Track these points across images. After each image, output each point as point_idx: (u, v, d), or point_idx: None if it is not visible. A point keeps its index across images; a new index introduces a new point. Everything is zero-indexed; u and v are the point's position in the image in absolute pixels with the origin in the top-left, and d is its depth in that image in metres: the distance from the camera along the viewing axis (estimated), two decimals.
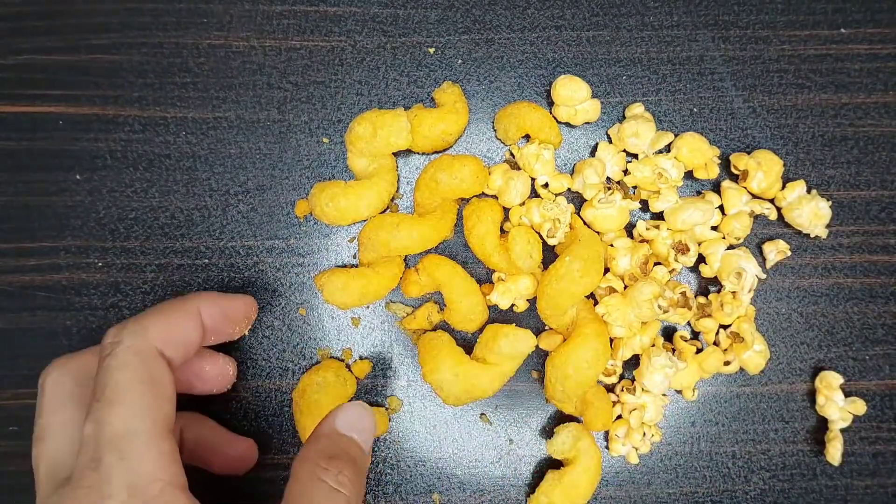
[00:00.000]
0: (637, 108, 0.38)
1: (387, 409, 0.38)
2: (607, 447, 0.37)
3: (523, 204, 0.37)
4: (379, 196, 0.36)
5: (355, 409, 0.31)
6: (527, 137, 0.38)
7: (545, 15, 0.39)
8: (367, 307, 0.38)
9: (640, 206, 0.38)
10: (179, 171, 0.38)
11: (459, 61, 0.39)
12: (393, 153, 0.37)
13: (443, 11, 0.39)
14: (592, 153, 0.38)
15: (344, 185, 0.36)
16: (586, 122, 0.38)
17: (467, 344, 0.38)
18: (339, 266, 0.36)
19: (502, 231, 0.37)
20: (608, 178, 0.38)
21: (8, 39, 0.38)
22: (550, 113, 0.38)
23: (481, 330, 0.37)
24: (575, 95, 0.37)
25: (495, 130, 0.38)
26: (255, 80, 0.38)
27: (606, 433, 0.37)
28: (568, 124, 0.39)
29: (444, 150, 0.38)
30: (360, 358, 0.38)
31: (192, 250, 0.38)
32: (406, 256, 0.38)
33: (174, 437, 0.28)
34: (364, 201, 0.36)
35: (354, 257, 0.38)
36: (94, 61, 0.38)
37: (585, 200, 0.37)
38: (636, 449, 0.37)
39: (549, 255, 0.37)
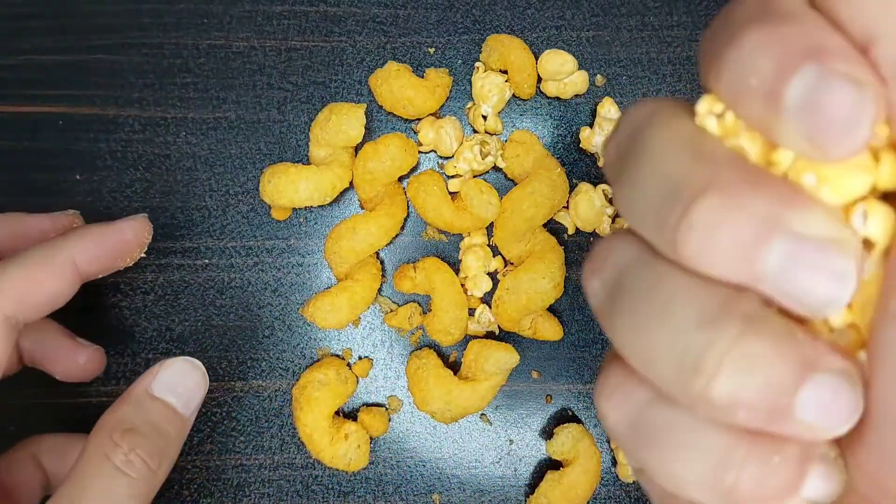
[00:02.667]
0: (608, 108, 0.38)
1: (387, 409, 0.38)
2: (616, 474, 0.37)
3: (452, 157, 0.37)
4: (319, 184, 0.36)
5: (176, 365, 0.28)
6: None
7: (545, 15, 0.39)
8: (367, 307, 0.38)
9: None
10: (179, 172, 0.38)
11: (459, 61, 0.39)
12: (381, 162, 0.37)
13: (443, 11, 0.39)
14: (591, 123, 0.38)
15: (288, 166, 0.36)
16: (576, 95, 0.38)
17: (444, 357, 0.38)
18: (318, 293, 0.36)
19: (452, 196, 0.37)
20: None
21: (8, 39, 0.38)
22: (539, 89, 0.38)
23: (460, 346, 0.38)
24: (562, 69, 0.37)
25: (481, 50, 0.38)
26: (256, 80, 0.38)
27: (614, 458, 0.37)
28: (558, 98, 0.38)
29: (403, 118, 0.38)
30: (360, 358, 0.38)
31: (192, 250, 0.38)
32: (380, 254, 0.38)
33: None
34: (303, 184, 0.35)
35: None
36: (95, 61, 0.38)
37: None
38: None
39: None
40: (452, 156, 0.38)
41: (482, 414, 0.38)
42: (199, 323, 0.38)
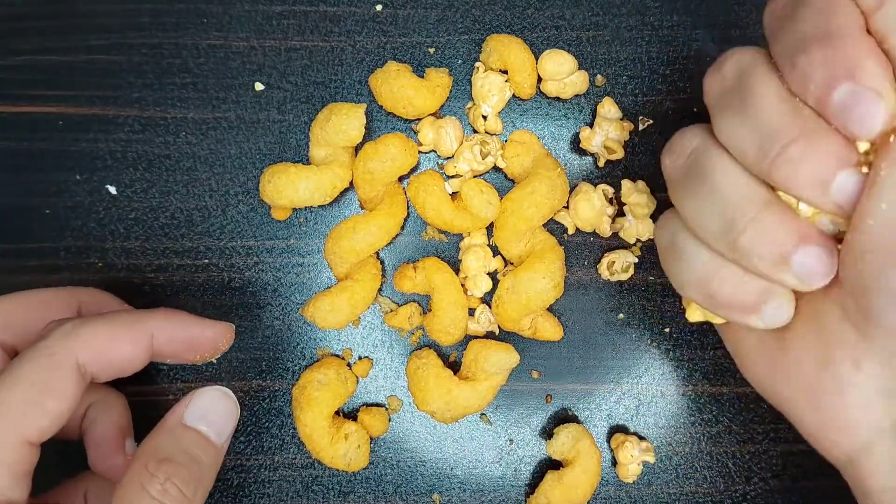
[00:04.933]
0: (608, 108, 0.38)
1: (387, 409, 0.38)
2: (616, 473, 0.37)
3: (452, 157, 0.37)
4: (319, 184, 0.36)
5: (208, 394, 0.28)
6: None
7: (545, 15, 0.39)
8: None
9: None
10: (179, 172, 0.38)
11: (459, 61, 0.39)
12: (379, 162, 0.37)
13: (442, 11, 0.39)
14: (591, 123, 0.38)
15: (288, 166, 0.36)
16: (576, 95, 0.38)
17: (444, 357, 0.38)
18: (318, 293, 0.36)
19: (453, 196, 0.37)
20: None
21: (8, 39, 0.38)
22: (539, 90, 0.38)
23: (460, 346, 0.38)
24: (561, 69, 0.37)
25: (481, 50, 0.38)
26: (255, 80, 0.38)
27: (614, 458, 0.37)
28: (558, 98, 0.38)
29: (403, 118, 0.38)
30: (360, 358, 0.38)
31: (192, 250, 0.38)
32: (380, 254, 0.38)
33: (31, 450, 0.26)
34: (303, 184, 0.35)
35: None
36: (94, 62, 0.38)
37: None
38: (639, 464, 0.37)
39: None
40: (452, 156, 0.38)
41: (482, 414, 0.38)
42: None
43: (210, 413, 0.28)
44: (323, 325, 0.35)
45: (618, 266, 0.37)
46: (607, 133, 0.37)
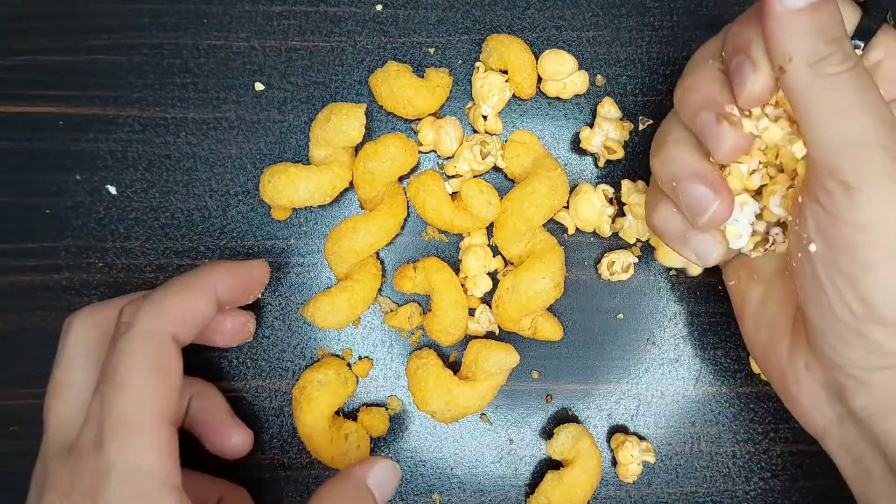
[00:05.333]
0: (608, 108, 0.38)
1: (387, 409, 0.38)
2: (616, 473, 0.37)
3: (452, 157, 0.37)
4: (319, 184, 0.36)
5: (388, 469, 0.31)
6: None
7: (545, 15, 0.39)
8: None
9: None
10: (180, 172, 0.38)
11: (459, 61, 0.39)
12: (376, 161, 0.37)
13: (443, 12, 0.39)
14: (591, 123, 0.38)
15: (288, 166, 0.36)
16: (576, 95, 0.38)
17: (444, 357, 0.38)
18: (318, 293, 0.36)
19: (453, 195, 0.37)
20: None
21: (8, 39, 0.38)
22: (539, 90, 0.38)
23: (460, 346, 0.38)
24: (562, 69, 0.37)
25: (481, 50, 0.38)
26: (256, 80, 0.38)
27: (614, 458, 0.37)
28: (558, 98, 0.38)
29: (403, 118, 0.38)
30: (360, 358, 0.38)
31: (192, 250, 0.38)
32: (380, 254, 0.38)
33: (175, 427, 0.28)
34: (302, 184, 0.35)
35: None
36: (94, 62, 0.38)
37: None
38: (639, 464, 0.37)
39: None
40: (452, 156, 0.38)
41: (482, 414, 0.38)
42: None
43: (385, 484, 0.31)
44: (323, 325, 0.35)
45: (618, 266, 0.37)
46: (607, 133, 0.37)
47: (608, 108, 0.38)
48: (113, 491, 0.25)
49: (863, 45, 0.29)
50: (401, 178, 0.38)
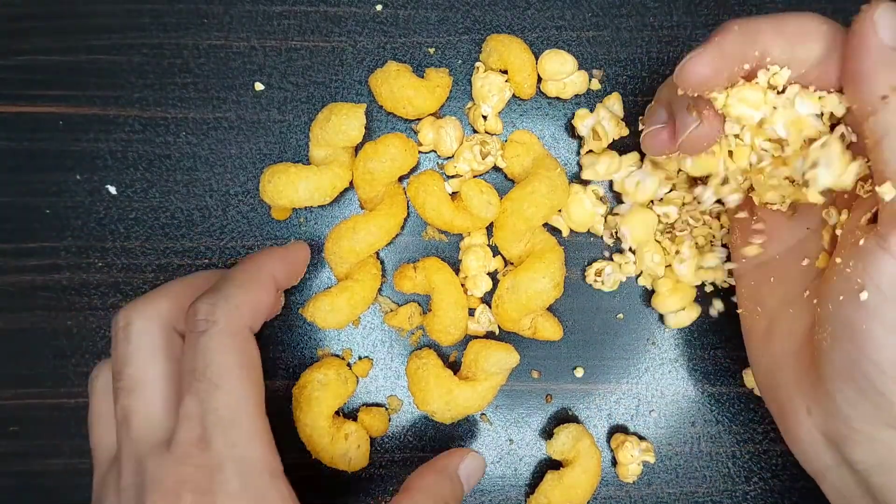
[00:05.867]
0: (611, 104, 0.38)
1: (387, 409, 0.38)
2: (616, 473, 0.37)
3: (452, 157, 0.38)
4: (319, 184, 0.36)
5: (478, 461, 0.34)
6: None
7: (545, 15, 0.39)
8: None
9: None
10: (180, 172, 0.38)
11: (459, 61, 0.39)
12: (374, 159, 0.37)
13: (443, 12, 0.39)
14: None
15: (288, 166, 0.36)
16: (576, 95, 0.38)
17: (444, 357, 0.38)
18: (318, 293, 0.36)
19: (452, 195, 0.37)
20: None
21: (8, 39, 0.38)
22: (539, 90, 0.38)
23: (460, 346, 0.38)
24: (562, 69, 0.37)
25: (481, 50, 0.38)
26: (256, 80, 0.38)
27: (614, 458, 0.37)
28: (558, 98, 0.38)
29: (403, 118, 0.38)
30: (360, 358, 0.38)
31: (192, 250, 0.38)
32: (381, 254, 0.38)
33: (267, 420, 0.29)
34: (303, 184, 0.35)
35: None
36: (95, 62, 0.38)
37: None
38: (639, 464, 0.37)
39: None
40: (452, 156, 0.38)
41: (482, 414, 0.38)
42: None
43: (473, 476, 0.33)
44: (323, 324, 0.35)
45: (606, 277, 0.37)
46: (601, 119, 0.37)
47: (613, 102, 0.38)
48: (231, 484, 0.26)
49: None
50: (401, 178, 0.38)
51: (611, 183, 0.38)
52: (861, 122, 0.26)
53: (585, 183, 0.38)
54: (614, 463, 0.38)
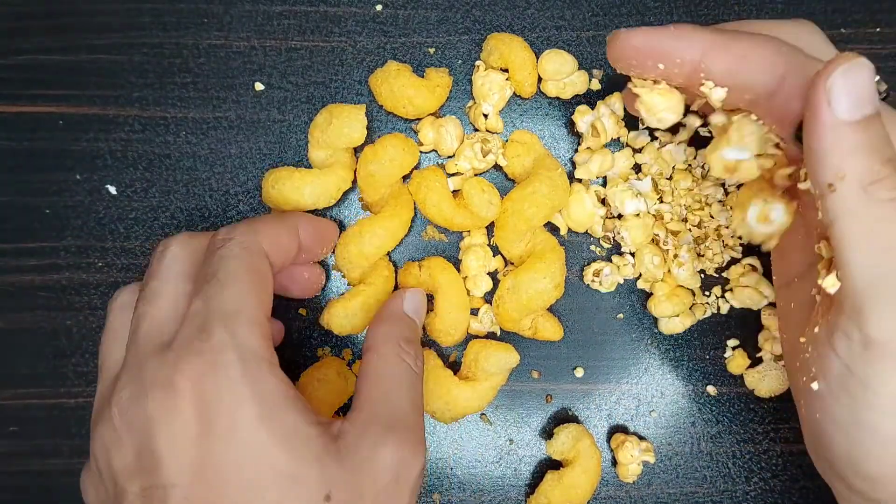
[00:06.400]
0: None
1: None
2: (616, 473, 0.37)
3: (452, 156, 0.38)
4: (324, 187, 0.36)
5: (418, 294, 0.35)
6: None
7: (545, 15, 0.39)
8: None
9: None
10: (180, 171, 0.38)
11: (459, 61, 0.39)
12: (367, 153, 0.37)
13: (443, 12, 0.39)
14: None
15: (291, 171, 0.36)
16: (576, 95, 0.38)
17: (444, 357, 0.38)
18: (333, 299, 0.36)
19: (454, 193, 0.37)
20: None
21: (8, 39, 0.38)
22: (539, 89, 0.38)
23: (460, 346, 0.38)
24: (562, 69, 0.37)
25: (482, 49, 0.38)
26: (256, 80, 0.38)
27: (614, 458, 0.37)
28: (558, 98, 0.38)
29: (404, 118, 0.38)
30: (360, 358, 0.38)
31: None
32: (393, 255, 0.38)
33: (267, 322, 0.29)
34: (308, 188, 0.36)
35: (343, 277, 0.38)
36: (95, 61, 0.38)
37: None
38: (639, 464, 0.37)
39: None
40: (453, 155, 0.37)
41: (482, 414, 0.38)
42: None
43: (419, 310, 0.35)
44: (340, 331, 0.36)
45: (604, 279, 0.37)
46: (601, 116, 0.37)
47: (614, 101, 0.38)
48: (233, 368, 0.26)
49: None
50: (405, 178, 0.38)
51: (604, 181, 0.38)
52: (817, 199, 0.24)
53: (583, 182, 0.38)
54: (614, 463, 0.38)
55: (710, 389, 0.38)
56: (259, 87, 0.38)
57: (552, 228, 0.38)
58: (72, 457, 0.37)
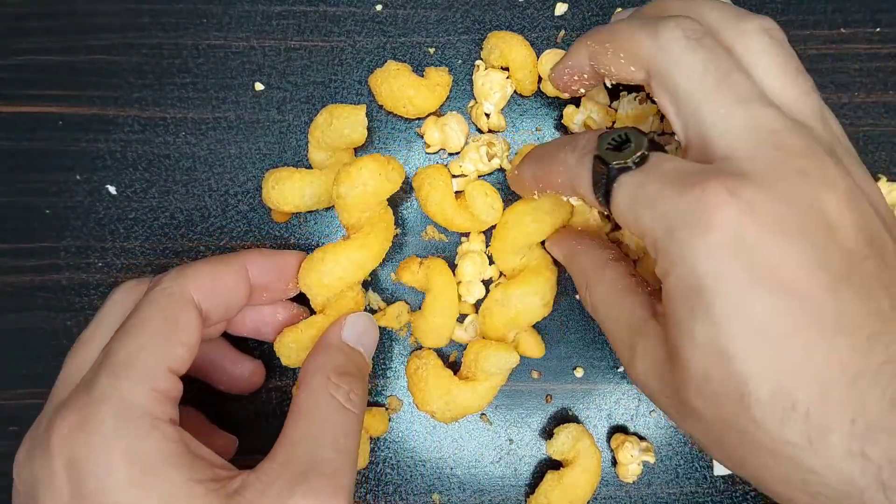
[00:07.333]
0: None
1: (387, 409, 0.38)
2: (616, 473, 0.37)
3: (459, 153, 0.38)
4: (324, 188, 0.35)
5: (362, 319, 0.32)
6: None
7: (545, 15, 0.39)
8: (366, 306, 0.38)
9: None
10: (179, 172, 0.38)
11: (459, 61, 0.39)
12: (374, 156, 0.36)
13: (442, 11, 0.39)
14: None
15: (291, 171, 0.36)
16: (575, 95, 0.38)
17: (444, 357, 0.38)
18: (288, 326, 0.35)
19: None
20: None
21: (8, 39, 0.38)
22: (539, 88, 0.38)
23: (461, 345, 0.37)
24: None
25: (482, 48, 0.38)
26: (255, 80, 0.38)
27: (614, 458, 0.37)
28: (557, 98, 0.38)
29: (404, 117, 0.38)
30: None
31: (192, 250, 0.38)
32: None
33: (178, 378, 0.27)
34: (308, 189, 0.35)
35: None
36: (94, 62, 0.38)
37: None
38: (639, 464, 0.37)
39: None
40: (460, 152, 0.37)
41: (482, 414, 0.38)
42: None
43: (364, 335, 0.32)
44: (287, 362, 0.34)
45: None
46: (590, 113, 0.37)
47: (597, 92, 0.38)
48: (106, 424, 0.24)
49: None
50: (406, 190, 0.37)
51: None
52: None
53: None
54: (614, 463, 0.38)
55: None
56: (258, 87, 0.38)
57: None
58: None
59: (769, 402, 0.22)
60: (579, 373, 0.38)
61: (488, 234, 0.37)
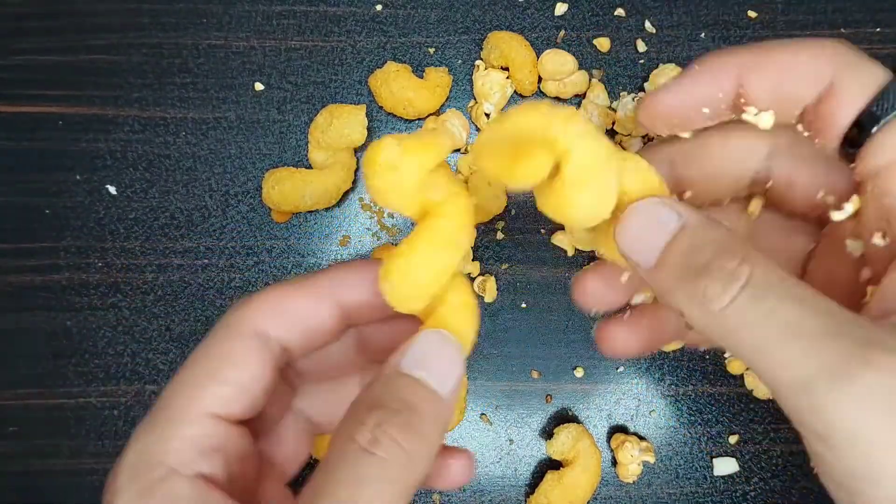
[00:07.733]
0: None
1: None
2: (616, 473, 0.37)
3: (465, 150, 0.38)
4: (324, 187, 0.36)
5: (427, 338, 0.24)
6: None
7: (545, 15, 0.39)
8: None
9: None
10: (179, 172, 0.38)
11: (459, 61, 0.39)
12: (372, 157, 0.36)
13: (443, 11, 0.39)
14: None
15: (292, 171, 0.36)
16: (576, 95, 0.38)
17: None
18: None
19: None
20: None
21: (8, 39, 0.38)
22: (539, 88, 0.38)
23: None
24: (562, 69, 0.37)
25: (482, 48, 0.38)
26: (255, 80, 0.38)
27: (614, 458, 0.37)
28: (558, 98, 0.38)
29: (404, 118, 0.38)
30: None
31: (192, 250, 0.38)
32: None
33: (217, 423, 0.23)
34: (308, 189, 0.35)
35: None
36: (94, 62, 0.38)
37: None
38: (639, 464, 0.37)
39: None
40: (463, 150, 0.38)
41: (482, 414, 0.38)
42: (198, 323, 0.38)
43: (430, 359, 0.23)
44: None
45: None
46: (591, 116, 0.37)
47: (597, 94, 0.38)
48: (121, 477, 0.22)
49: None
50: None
51: None
52: None
53: None
54: (614, 463, 0.38)
55: (710, 389, 0.38)
56: (259, 87, 0.38)
57: (558, 249, 0.38)
58: (72, 457, 0.37)
59: None
60: (579, 373, 0.38)
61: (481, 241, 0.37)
